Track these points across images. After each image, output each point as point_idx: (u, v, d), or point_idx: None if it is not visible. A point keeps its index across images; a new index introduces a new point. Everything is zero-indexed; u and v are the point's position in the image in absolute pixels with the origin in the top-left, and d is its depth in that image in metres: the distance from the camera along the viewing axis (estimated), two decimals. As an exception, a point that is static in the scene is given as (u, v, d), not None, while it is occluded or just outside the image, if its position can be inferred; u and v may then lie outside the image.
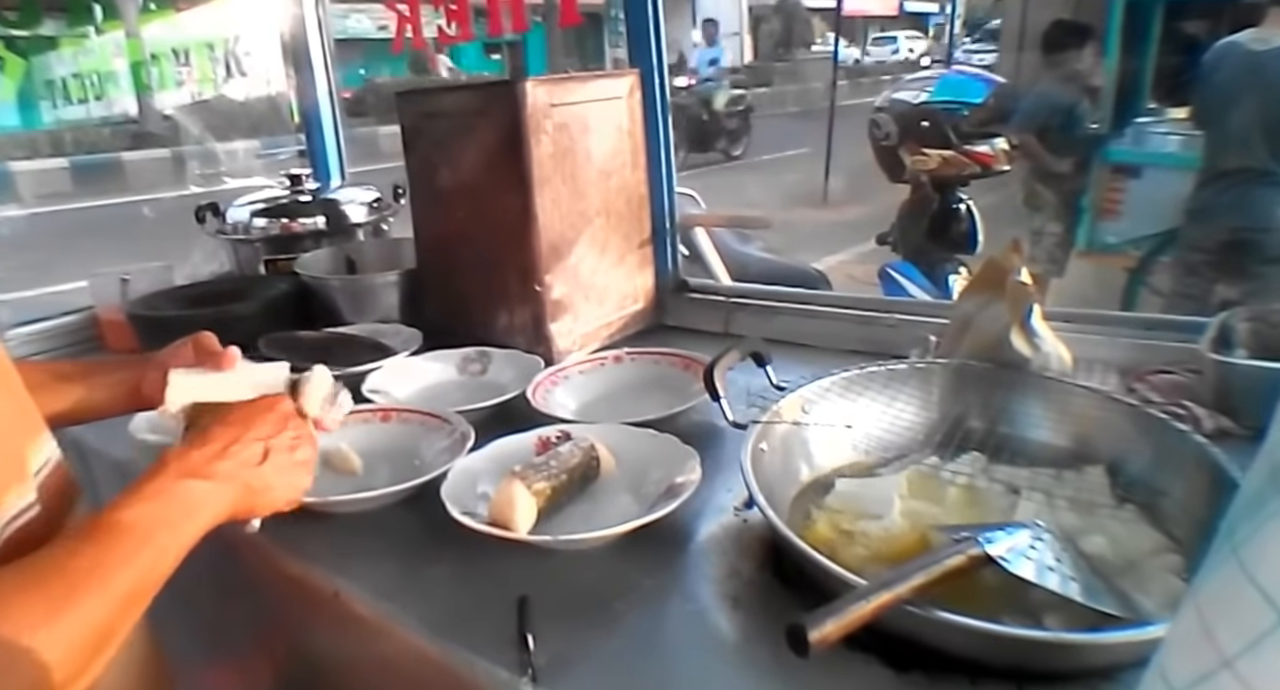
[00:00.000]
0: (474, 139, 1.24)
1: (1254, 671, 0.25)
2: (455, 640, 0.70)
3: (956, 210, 2.97)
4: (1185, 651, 0.28)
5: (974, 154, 2.88)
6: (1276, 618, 0.24)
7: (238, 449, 0.68)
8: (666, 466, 0.88)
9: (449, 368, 1.29)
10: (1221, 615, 0.27)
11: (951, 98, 2.92)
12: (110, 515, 0.59)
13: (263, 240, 1.66)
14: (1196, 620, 0.27)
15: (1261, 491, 0.25)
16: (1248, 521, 0.26)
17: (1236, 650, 0.26)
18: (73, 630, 0.53)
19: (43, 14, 2.02)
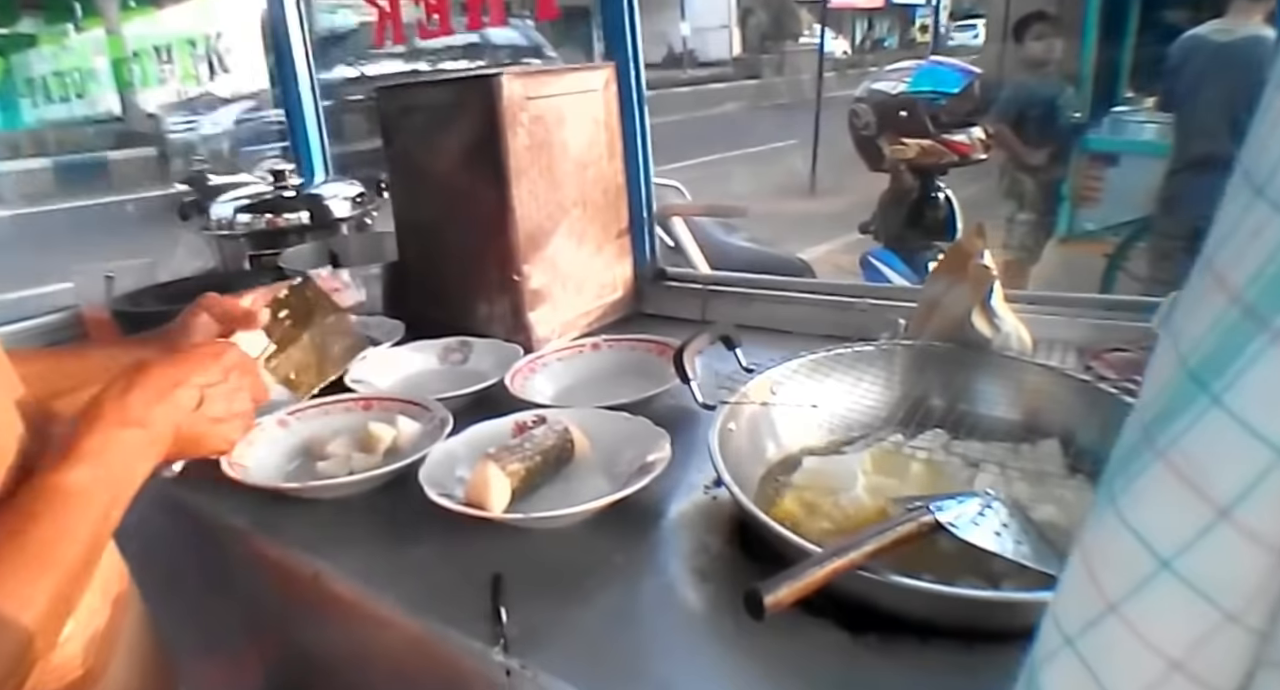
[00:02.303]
0: (451, 132, 1.27)
1: (1138, 614, 0.28)
2: (431, 616, 0.73)
3: (935, 198, 3.00)
4: (1074, 598, 0.30)
5: (951, 143, 2.92)
6: (1154, 563, 0.27)
7: (176, 393, 0.68)
8: (638, 447, 0.91)
9: (430, 357, 1.32)
10: (1105, 563, 0.29)
11: (929, 88, 2.96)
12: (56, 477, 0.59)
13: (247, 236, 1.68)
14: (1083, 569, 0.30)
15: (1134, 446, 0.28)
16: (1122, 474, 0.29)
17: (1120, 595, 0.28)
18: (37, 606, 0.54)
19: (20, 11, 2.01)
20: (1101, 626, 0.28)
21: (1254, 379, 0.24)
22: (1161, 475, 0.26)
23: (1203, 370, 0.25)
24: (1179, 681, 0.27)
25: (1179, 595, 0.26)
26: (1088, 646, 0.29)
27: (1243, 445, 0.24)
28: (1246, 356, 0.24)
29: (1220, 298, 0.25)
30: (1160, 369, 0.27)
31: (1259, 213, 0.24)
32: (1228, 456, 0.25)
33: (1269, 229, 0.23)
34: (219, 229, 1.69)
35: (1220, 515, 0.25)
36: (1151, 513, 0.27)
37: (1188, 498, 0.25)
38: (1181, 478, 0.26)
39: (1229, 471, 0.25)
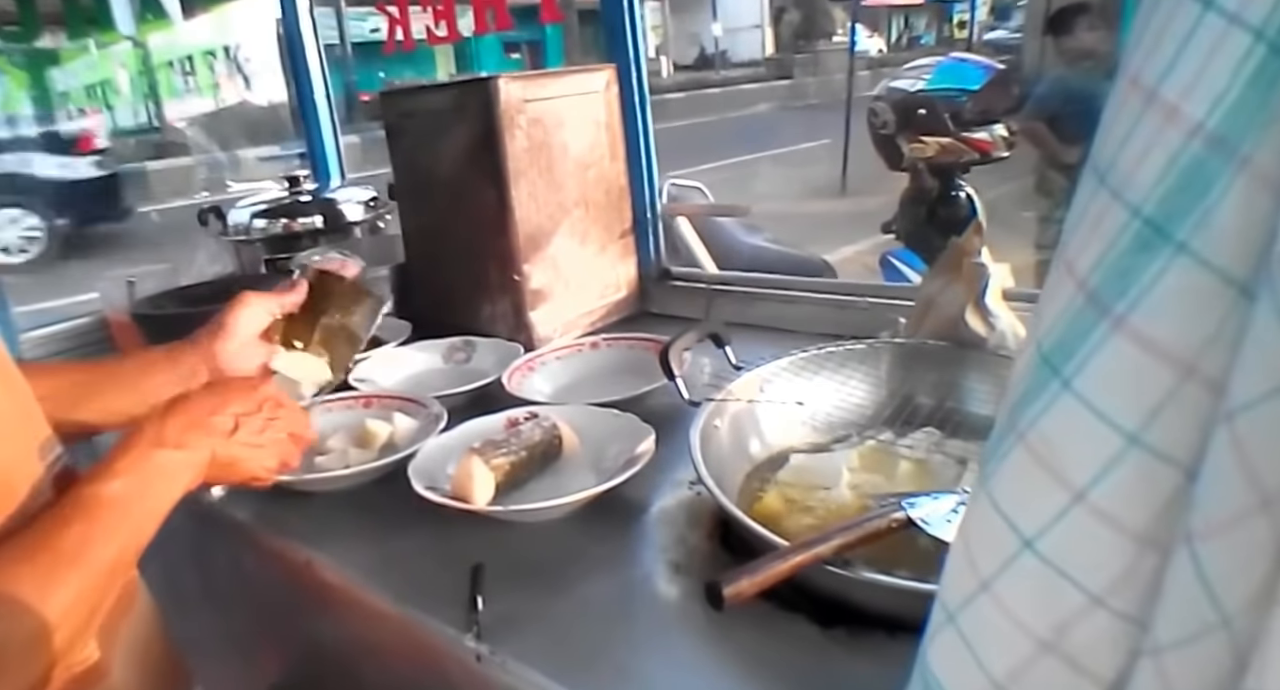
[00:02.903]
0: (452, 135, 1.29)
1: (1006, 591, 0.29)
2: (412, 603, 0.75)
3: (955, 197, 2.97)
4: (955, 577, 0.31)
5: (972, 141, 2.88)
6: (1019, 542, 0.28)
7: (213, 420, 0.71)
8: (625, 442, 0.92)
9: (435, 357, 1.34)
10: (979, 543, 0.30)
11: (949, 85, 2.92)
12: (91, 488, 0.62)
13: (263, 240, 1.71)
14: (963, 547, 0.31)
15: (1002, 431, 0.29)
16: (992, 459, 0.29)
17: (991, 573, 0.29)
18: (62, 604, 0.56)
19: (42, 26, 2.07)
20: (976, 604, 0.29)
21: (1099, 364, 0.24)
22: (1023, 457, 0.27)
23: (1054, 355, 0.25)
24: (1050, 662, 0.27)
25: (1042, 575, 0.26)
26: (966, 623, 0.29)
27: (1093, 430, 0.24)
28: (1092, 342, 0.24)
29: (1069, 284, 0.25)
30: (1023, 354, 0.28)
31: (1101, 201, 0.24)
32: (1080, 440, 0.25)
33: (1109, 217, 0.24)
34: (236, 234, 1.73)
35: (1076, 498, 0.25)
36: (1015, 494, 0.27)
37: (1046, 480, 0.26)
38: (1039, 460, 0.26)
39: (1082, 455, 0.25)
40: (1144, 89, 0.24)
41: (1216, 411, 0.23)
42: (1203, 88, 0.22)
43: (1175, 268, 0.23)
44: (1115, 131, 0.25)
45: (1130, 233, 0.24)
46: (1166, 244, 0.23)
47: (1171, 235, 0.23)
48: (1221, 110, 0.22)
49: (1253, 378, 0.22)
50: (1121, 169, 0.25)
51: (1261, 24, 0.21)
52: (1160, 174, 0.23)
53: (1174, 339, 0.23)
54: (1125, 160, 0.24)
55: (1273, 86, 0.21)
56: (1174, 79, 0.23)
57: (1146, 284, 0.23)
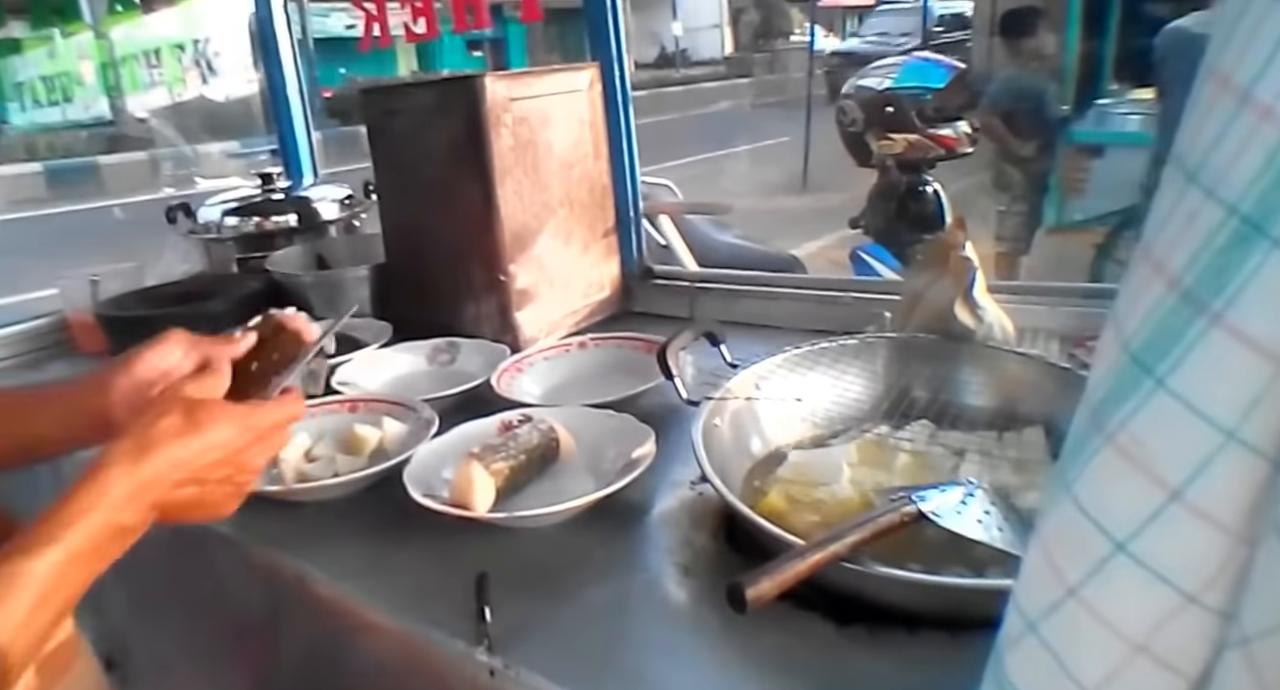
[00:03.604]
0: (436, 134, 1.27)
1: (1096, 596, 0.28)
2: (416, 617, 0.73)
3: (923, 192, 3.01)
4: (1035, 584, 0.31)
5: (938, 137, 2.93)
6: (1110, 546, 0.27)
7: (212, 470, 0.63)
8: (624, 444, 0.91)
9: (419, 358, 1.31)
10: (1062, 548, 0.29)
11: (915, 83, 2.96)
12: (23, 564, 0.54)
13: (235, 239, 1.67)
14: (1043, 556, 0.30)
15: (1084, 434, 0.28)
16: (1075, 462, 0.29)
17: (1079, 578, 0.28)
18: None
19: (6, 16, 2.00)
20: (1062, 610, 0.28)
21: (1196, 361, 0.24)
22: (1112, 459, 0.26)
23: (1146, 354, 0.25)
24: (1143, 664, 0.27)
25: (1136, 577, 0.26)
26: (1050, 631, 0.29)
27: (1189, 427, 0.24)
28: (1188, 340, 0.24)
29: (1159, 283, 0.25)
30: (1105, 355, 0.27)
31: (1192, 199, 0.24)
32: (1175, 438, 0.25)
33: (1202, 215, 0.24)
34: (207, 232, 1.68)
35: (1172, 497, 0.25)
36: (1104, 496, 0.27)
37: (1139, 480, 0.26)
38: (1131, 461, 0.26)
39: (1177, 453, 0.25)
40: (1237, 90, 0.24)
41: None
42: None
43: (1272, 262, 0.23)
44: (1205, 132, 0.25)
45: (1227, 230, 0.24)
46: (1264, 239, 0.23)
47: (1269, 231, 0.23)
48: None
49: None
50: (1214, 168, 0.24)
51: None
52: (1258, 172, 0.23)
53: (1271, 333, 0.23)
54: (1218, 159, 0.24)
55: None
56: (1269, 80, 0.23)
57: (1244, 280, 0.23)
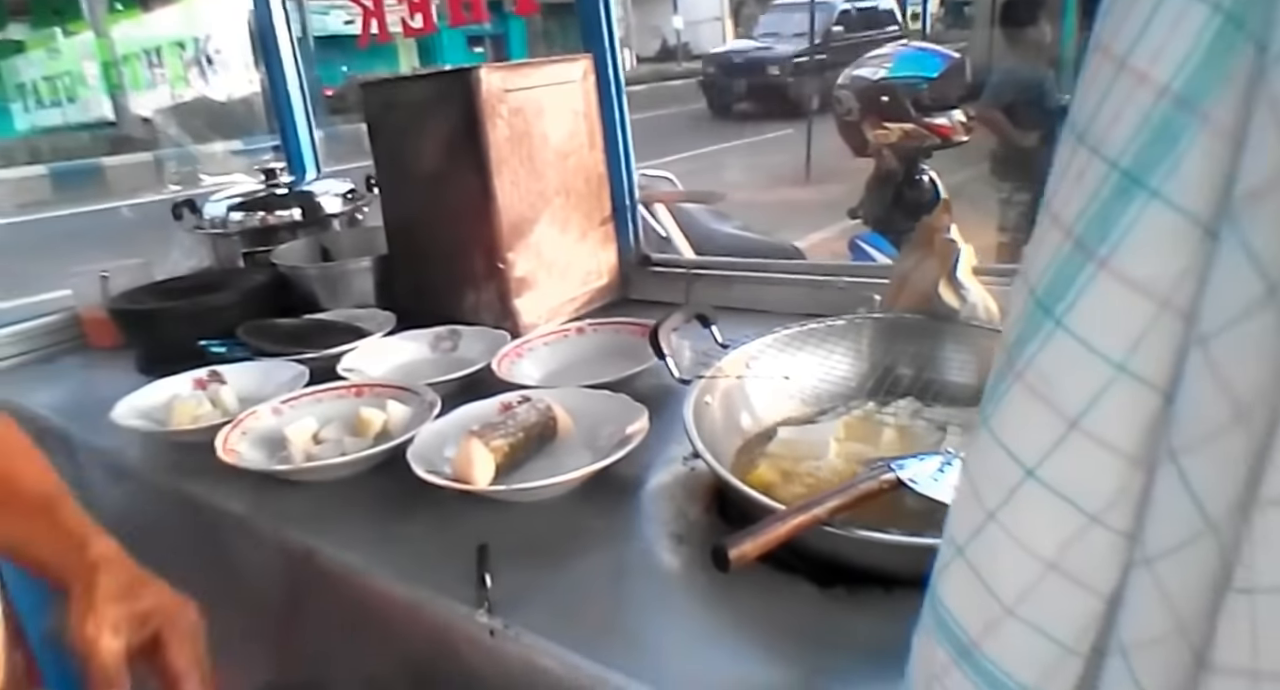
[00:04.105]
0: (434, 126, 1.30)
1: (1011, 519, 0.32)
2: (421, 585, 0.77)
3: (919, 180, 3.04)
4: (962, 513, 0.34)
5: (933, 126, 2.95)
6: (1021, 472, 0.31)
7: None
8: (618, 421, 0.95)
9: (422, 346, 1.35)
10: (983, 477, 0.33)
11: (910, 73, 2.99)
12: None
13: (240, 234, 1.71)
14: (968, 486, 0.34)
15: (1000, 374, 0.32)
16: (992, 399, 0.32)
17: (996, 503, 0.32)
18: None
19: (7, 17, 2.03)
20: (983, 534, 0.32)
21: (1087, 302, 0.27)
22: (1020, 394, 0.30)
23: (1047, 298, 0.28)
24: (1055, 580, 0.31)
25: (1044, 500, 0.30)
26: (974, 553, 0.32)
27: (1084, 361, 0.28)
28: (1080, 283, 0.27)
29: (1057, 234, 0.28)
30: (1016, 302, 0.31)
31: (1081, 158, 0.27)
32: (1072, 372, 0.28)
33: (1090, 171, 0.27)
34: (212, 228, 1.72)
35: (1071, 426, 0.28)
36: (1015, 427, 0.30)
37: (1043, 412, 0.29)
38: (1036, 394, 0.29)
39: (1075, 386, 0.28)
40: (1115, 58, 0.27)
41: (1189, 338, 0.26)
42: (1168, 55, 0.26)
43: (1150, 212, 0.26)
44: (1090, 96, 0.28)
45: (1110, 183, 0.27)
46: (1142, 190, 0.26)
47: (1146, 183, 0.26)
48: (1185, 74, 0.25)
49: (1223, 306, 0.25)
50: (1098, 128, 0.28)
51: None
52: (1135, 131, 0.26)
53: (1151, 275, 0.26)
54: (1101, 120, 0.28)
55: (1229, 51, 0.25)
56: (1142, 48, 0.26)
57: (1125, 227, 0.26)
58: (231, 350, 1.35)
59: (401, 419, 1.04)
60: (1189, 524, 0.28)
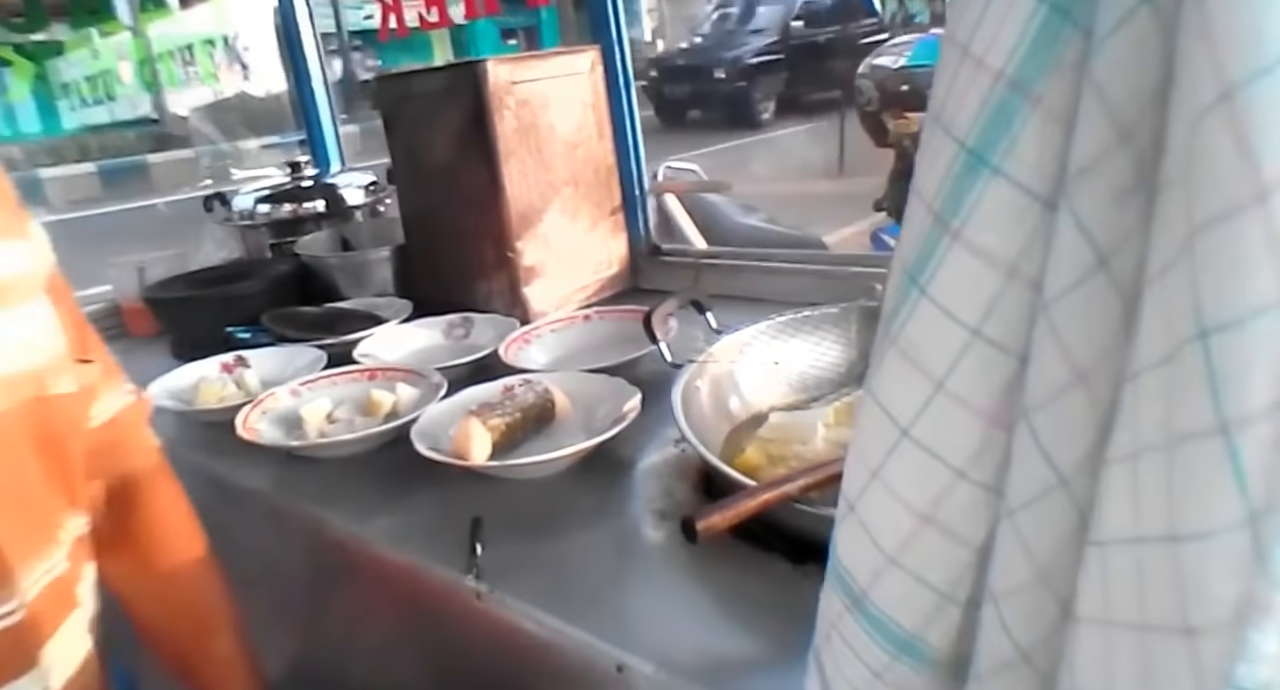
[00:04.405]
0: (444, 118, 1.34)
1: (891, 475, 0.34)
2: (416, 552, 0.81)
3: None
4: (853, 473, 0.37)
5: (956, 114, 2.93)
6: (897, 432, 0.34)
7: None
8: (614, 404, 0.98)
9: (435, 333, 1.39)
10: (869, 439, 0.35)
11: (930, 61, 2.96)
12: None
13: (267, 225, 1.77)
14: (858, 448, 0.36)
15: (879, 343, 0.35)
16: (873, 367, 0.35)
17: (879, 461, 0.35)
18: None
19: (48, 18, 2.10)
20: (869, 490, 0.34)
21: (945, 271, 0.30)
22: (895, 359, 0.32)
23: (914, 269, 0.31)
24: (930, 532, 0.33)
25: (917, 457, 0.32)
26: (863, 508, 0.35)
27: (945, 327, 0.30)
28: (939, 254, 0.30)
29: (922, 210, 0.31)
30: (892, 278, 0.33)
31: (937, 137, 0.30)
32: (936, 337, 0.31)
33: (944, 150, 0.29)
34: (241, 219, 1.78)
35: (937, 387, 0.31)
36: (892, 391, 0.33)
37: (914, 375, 0.32)
38: (908, 359, 0.32)
39: (938, 350, 0.31)
40: (959, 45, 0.30)
41: (1036, 305, 0.29)
42: (1001, 42, 0.28)
43: (993, 187, 0.29)
44: (942, 81, 0.31)
45: (959, 161, 0.29)
46: (985, 168, 0.29)
47: (989, 161, 0.29)
48: (1016, 60, 0.28)
49: (1060, 274, 0.28)
50: (949, 111, 0.30)
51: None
52: (977, 112, 0.29)
53: (998, 246, 0.29)
54: (951, 103, 0.30)
55: (1056, 38, 0.27)
56: (980, 36, 0.29)
57: (973, 202, 0.29)
58: (256, 336, 1.41)
59: (410, 400, 1.09)
60: (1042, 479, 0.30)
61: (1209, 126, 0.22)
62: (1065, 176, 0.27)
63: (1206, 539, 0.24)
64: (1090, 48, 0.26)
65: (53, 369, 0.65)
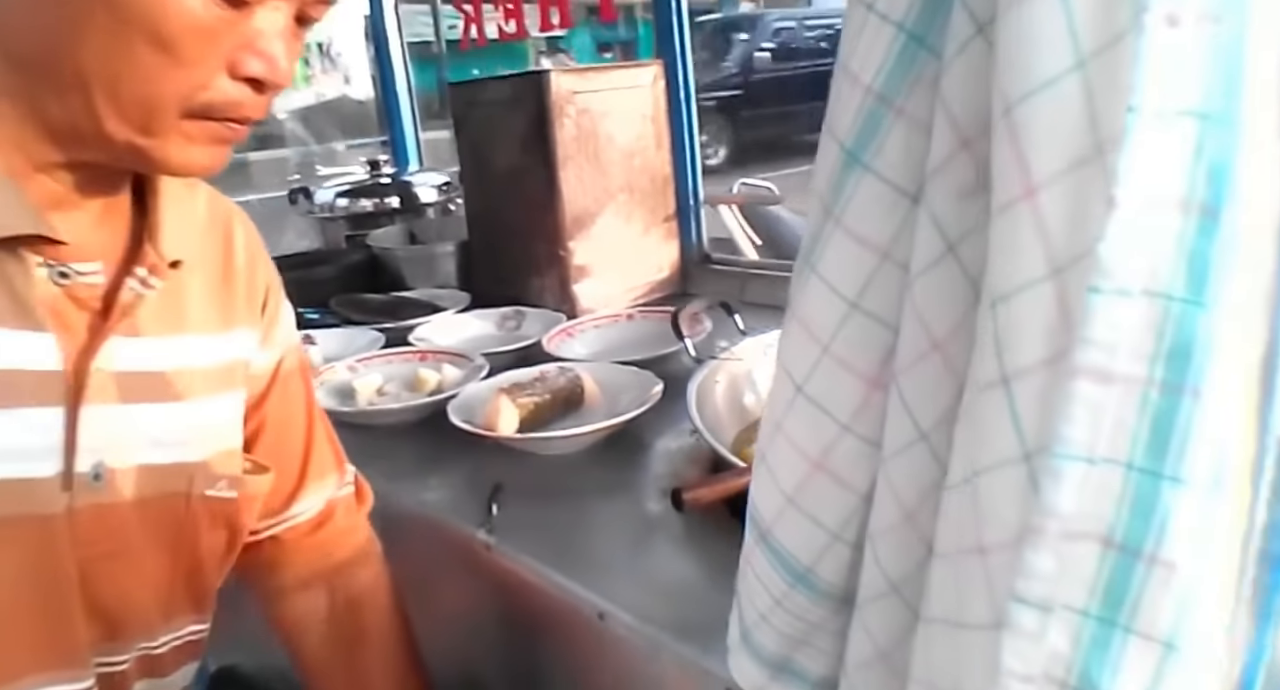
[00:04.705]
0: (509, 123, 1.43)
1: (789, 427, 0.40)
2: (439, 509, 0.90)
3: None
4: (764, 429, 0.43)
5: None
6: (794, 389, 0.40)
7: None
8: (638, 392, 1.05)
9: (488, 324, 1.49)
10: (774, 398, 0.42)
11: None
12: None
13: (345, 218, 1.90)
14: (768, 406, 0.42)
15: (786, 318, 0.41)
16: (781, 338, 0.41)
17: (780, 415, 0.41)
18: None
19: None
20: (774, 440, 0.40)
21: (829, 251, 0.36)
22: (794, 327, 0.38)
23: (807, 251, 0.37)
24: (822, 478, 0.39)
25: (809, 411, 0.38)
26: (769, 457, 0.41)
27: (830, 299, 0.36)
28: (825, 236, 0.36)
29: (815, 201, 0.37)
30: (796, 268, 0.39)
31: (826, 140, 0.36)
32: (823, 308, 0.37)
33: (828, 150, 0.36)
34: (321, 212, 1.92)
35: (824, 351, 0.37)
36: (790, 354, 0.39)
37: (806, 340, 0.38)
38: (803, 327, 0.38)
39: (825, 319, 0.37)
40: (843, 65, 0.36)
41: (904, 283, 0.34)
42: (870, 62, 0.34)
43: (866, 181, 0.35)
44: (832, 95, 0.37)
45: (840, 160, 0.35)
46: (857, 165, 0.35)
47: (861, 159, 0.35)
48: (882, 77, 0.34)
49: (919, 258, 0.33)
50: (833, 118, 0.36)
51: (901, 19, 0.33)
52: (853, 119, 0.35)
53: (872, 232, 0.35)
54: (835, 111, 0.36)
55: (913, 61, 0.33)
56: (856, 57, 0.35)
57: (849, 193, 0.35)
58: (324, 318, 1.52)
59: (454, 380, 1.17)
60: (907, 433, 0.36)
61: (999, 136, 0.28)
62: (924, 175, 0.33)
63: (994, 471, 0.30)
64: (940, 69, 0.32)
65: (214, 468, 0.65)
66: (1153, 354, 0.27)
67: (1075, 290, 0.27)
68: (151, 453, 0.60)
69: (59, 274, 0.55)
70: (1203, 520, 0.28)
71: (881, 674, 0.39)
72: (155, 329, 0.60)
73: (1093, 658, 0.29)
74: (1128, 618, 0.29)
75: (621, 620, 0.68)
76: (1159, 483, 0.28)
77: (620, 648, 0.69)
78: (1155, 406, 0.27)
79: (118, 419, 0.57)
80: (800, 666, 0.44)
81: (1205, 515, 0.28)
